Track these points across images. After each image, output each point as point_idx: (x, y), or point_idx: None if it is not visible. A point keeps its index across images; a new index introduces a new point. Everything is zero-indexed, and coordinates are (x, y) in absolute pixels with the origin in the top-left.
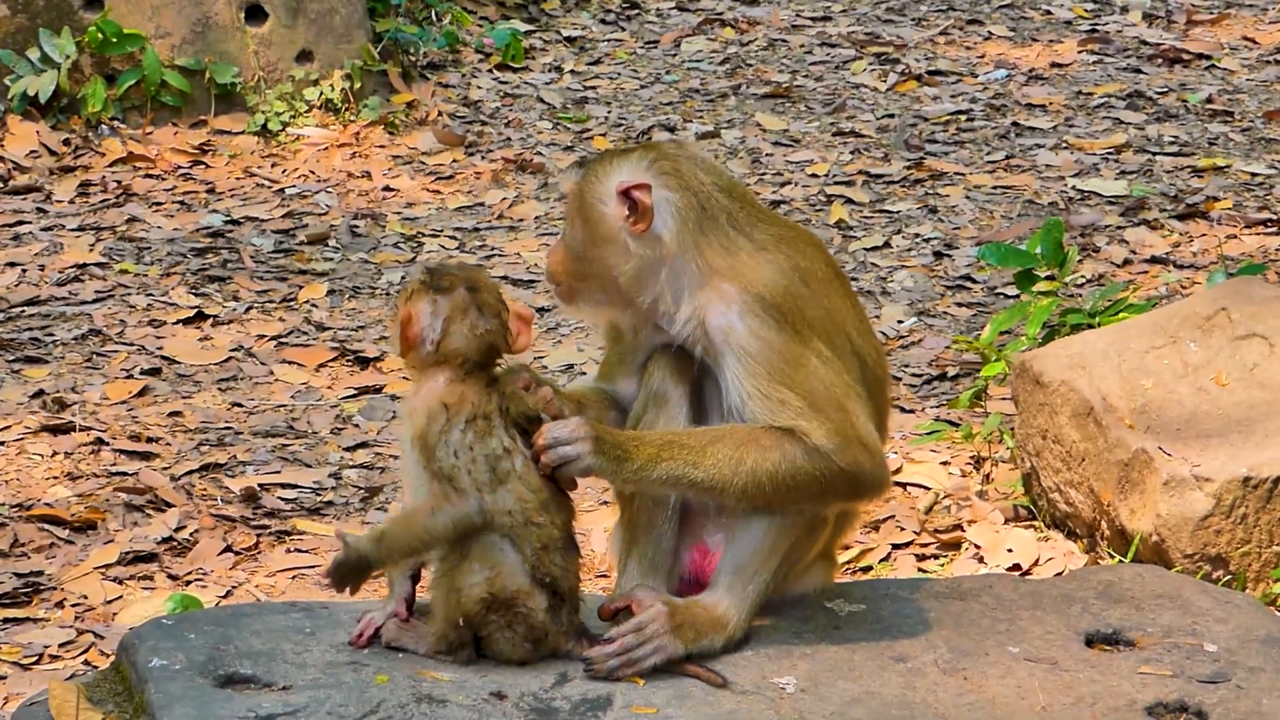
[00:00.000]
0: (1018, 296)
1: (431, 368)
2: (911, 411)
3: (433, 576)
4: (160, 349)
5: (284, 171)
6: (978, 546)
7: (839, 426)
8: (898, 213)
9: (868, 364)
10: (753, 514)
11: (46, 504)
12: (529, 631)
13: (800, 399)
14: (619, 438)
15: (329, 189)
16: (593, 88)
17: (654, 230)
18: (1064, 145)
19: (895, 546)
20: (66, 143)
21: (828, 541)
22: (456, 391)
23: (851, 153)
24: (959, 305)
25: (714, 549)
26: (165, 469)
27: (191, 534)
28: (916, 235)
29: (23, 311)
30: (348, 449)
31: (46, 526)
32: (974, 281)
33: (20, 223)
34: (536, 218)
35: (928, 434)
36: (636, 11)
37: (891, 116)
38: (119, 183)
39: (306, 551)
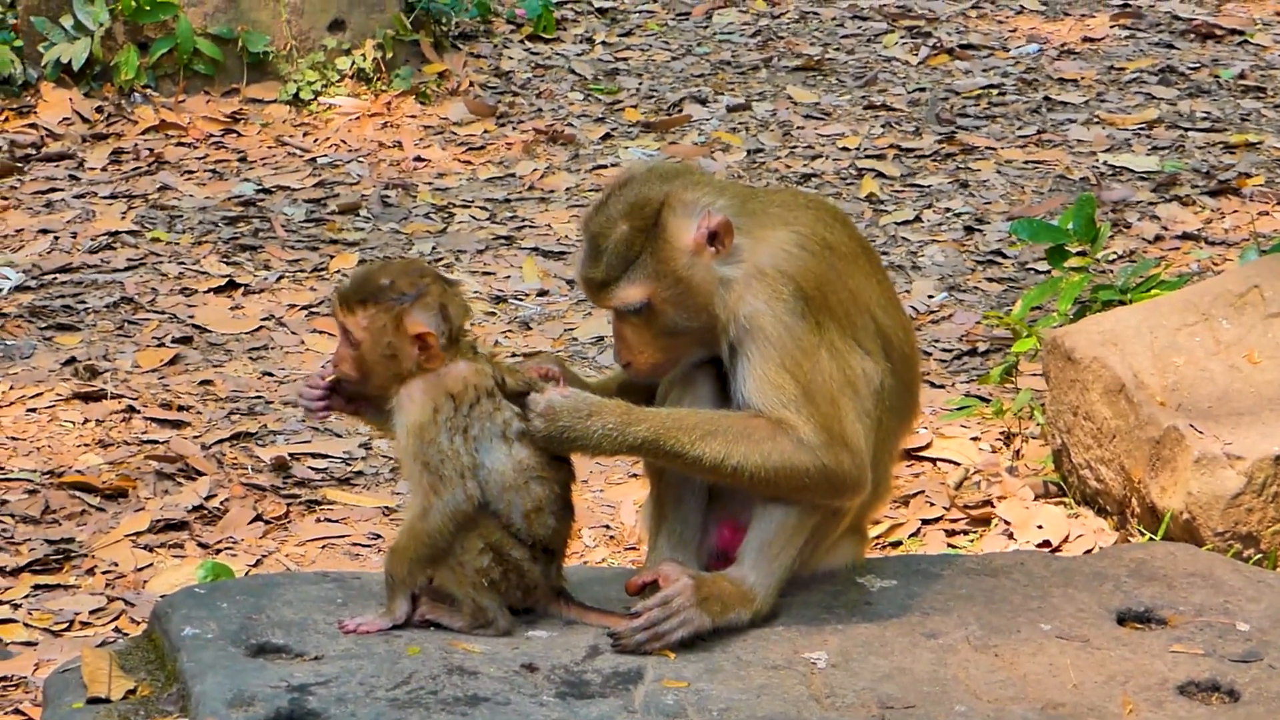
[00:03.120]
0: (1049, 272)
1: (438, 363)
2: (942, 387)
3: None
4: (191, 317)
5: (315, 141)
6: (1007, 523)
7: (826, 421)
8: (929, 187)
9: (893, 341)
10: None
11: (78, 471)
12: (520, 579)
13: (797, 387)
14: (618, 411)
15: (360, 159)
16: (624, 59)
17: (734, 243)
18: (1096, 120)
19: (925, 522)
20: (99, 110)
21: (858, 516)
22: (459, 379)
23: (883, 126)
24: (990, 280)
25: (742, 525)
26: (196, 437)
27: (222, 503)
28: (948, 210)
29: (55, 279)
30: None
31: (78, 494)
32: (1005, 257)
33: (53, 190)
34: (567, 189)
35: (958, 409)
36: None
37: (923, 90)
38: (151, 150)
39: (336, 521)
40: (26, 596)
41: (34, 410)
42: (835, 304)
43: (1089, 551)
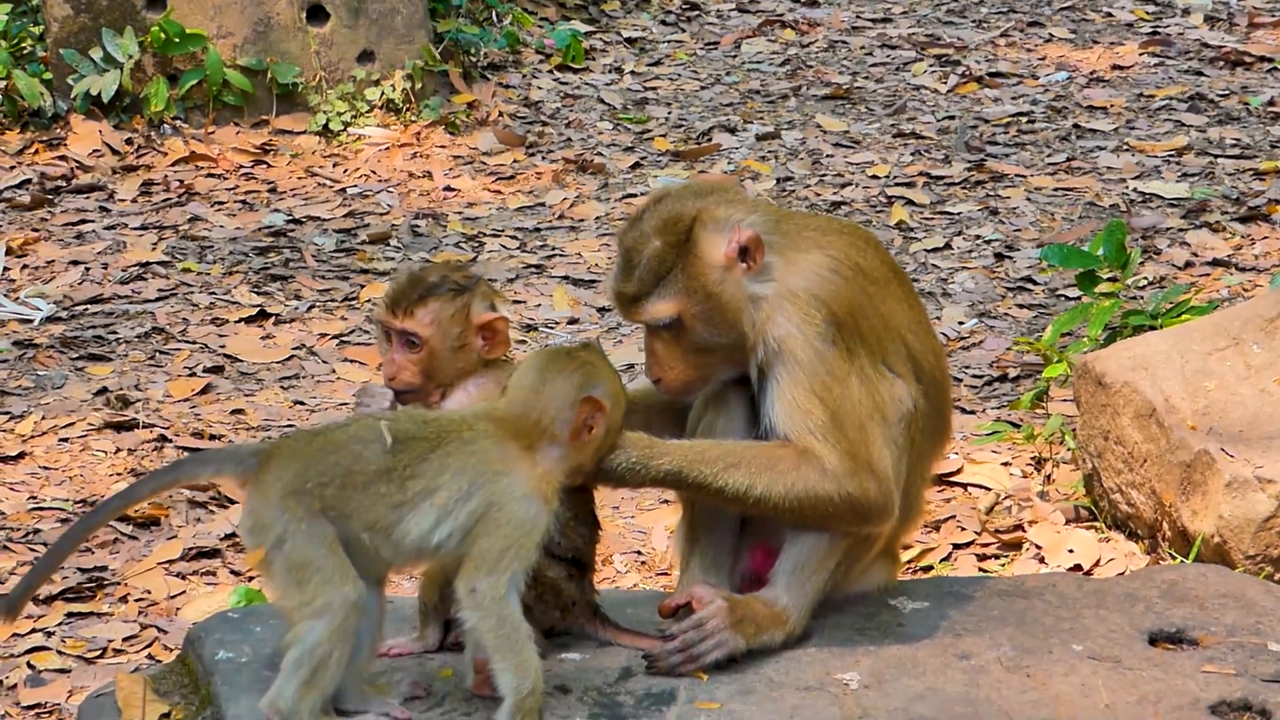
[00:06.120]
0: (1079, 298)
1: (503, 350)
2: (972, 412)
3: None
4: (223, 347)
5: (345, 171)
6: (1038, 547)
7: (852, 448)
8: (958, 214)
9: (924, 366)
10: None
11: None
12: (556, 599)
13: (826, 413)
14: (641, 444)
15: (390, 189)
16: (653, 89)
17: (765, 260)
18: (1125, 147)
19: (956, 546)
20: (129, 142)
21: (890, 540)
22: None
23: (912, 154)
24: (1020, 307)
25: (775, 548)
26: None
27: None
28: (977, 237)
29: (86, 310)
30: None
31: (110, 522)
32: (1035, 283)
33: (83, 221)
34: (597, 218)
35: (989, 435)
36: (697, 13)
37: (952, 118)
38: (181, 182)
39: None
40: (60, 624)
41: (66, 440)
42: (867, 329)
43: (1121, 574)
